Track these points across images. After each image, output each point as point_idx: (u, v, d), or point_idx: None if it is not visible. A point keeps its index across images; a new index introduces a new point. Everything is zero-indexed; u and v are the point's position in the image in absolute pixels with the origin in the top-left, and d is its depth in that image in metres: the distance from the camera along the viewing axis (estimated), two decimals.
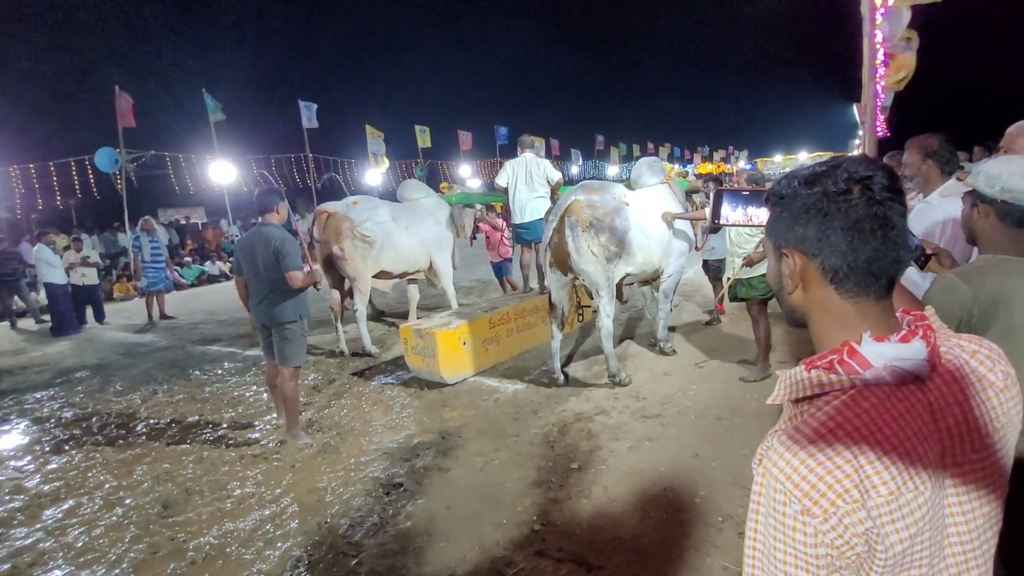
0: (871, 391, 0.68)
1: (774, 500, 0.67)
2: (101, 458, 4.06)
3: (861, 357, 0.68)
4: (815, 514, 0.63)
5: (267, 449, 3.98)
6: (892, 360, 0.67)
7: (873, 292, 0.72)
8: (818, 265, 0.73)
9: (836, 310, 0.74)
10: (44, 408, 5.33)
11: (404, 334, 5.07)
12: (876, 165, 0.71)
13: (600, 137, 38.53)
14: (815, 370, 0.71)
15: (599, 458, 3.45)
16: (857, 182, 0.70)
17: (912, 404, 0.68)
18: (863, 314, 0.72)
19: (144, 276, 9.32)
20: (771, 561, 0.68)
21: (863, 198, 0.69)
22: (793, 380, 0.74)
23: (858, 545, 0.64)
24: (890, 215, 0.69)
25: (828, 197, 0.70)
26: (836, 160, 0.73)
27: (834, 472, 0.63)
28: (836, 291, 0.73)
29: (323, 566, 2.66)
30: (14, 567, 2.87)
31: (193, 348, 7.26)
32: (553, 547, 2.65)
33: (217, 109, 16.46)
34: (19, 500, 3.57)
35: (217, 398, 5.17)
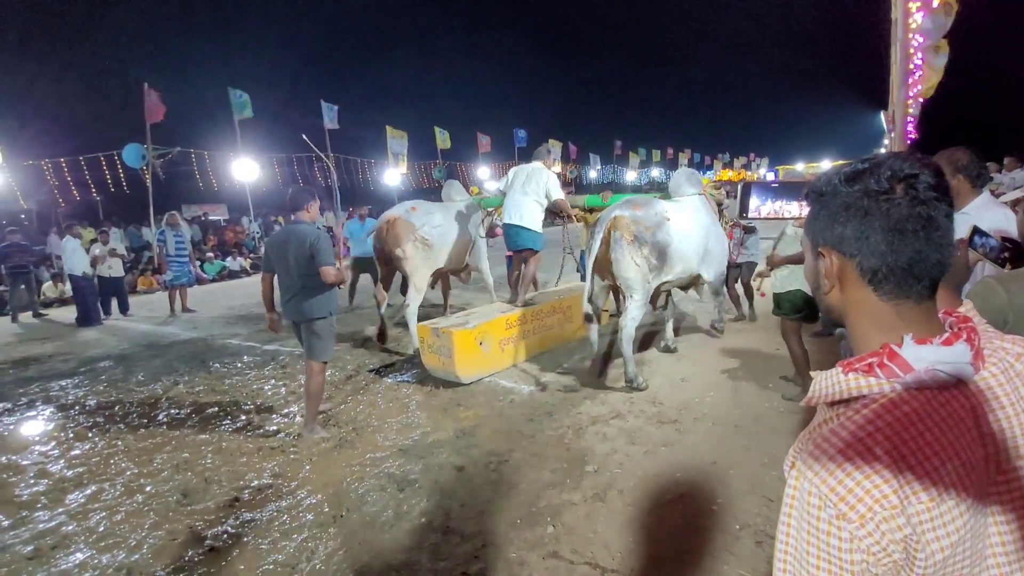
0: (912, 395, 0.66)
1: (808, 504, 0.65)
2: (123, 445, 4.14)
3: (902, 360, 0.66)
4: (851, 519, 0.62)
5: (284, 442, 4.02)
6: (934, 364, 0.65)
7: (914, 294, 0.70)
8: (856, 265, 0.71)
9: (875, 312, 0.72)
10: (69, 396, 5.44)
11: (421, 332, 5.13)
12: (922, 163, 0.68)
13: (619, 142, 38.41)
14: (853, 372, 0.69)
15: (615, 462, 3.43)
16: (901, 180, 0.67)
17: (955, 409, 0.66)
18: (903, 316, 0.70)
19: (168, 270, 9.43)
20: (803, 566, 0.66)
21: (906, 197, 0.67)
22: (829, 382, 0.71)
23: (895, 552, 0.62)
24: (935, 215, 0.67)
25: (869, 196, 0.68)
26: (880, 157, 0.71)
27: (872, 477, 0.62)
28: (875, 292, 0.71)
29: (337, 559, 2.68)
30: (37, 549, 2.93)
31: (213, 341, 7.36)
32: (567, 548, 2.64)
33: (245, 107, 16.71)
34: (43, 484, 3.64)
35: (236, 390, 5.24)
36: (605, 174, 38.80)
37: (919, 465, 0.62)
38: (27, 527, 3.14)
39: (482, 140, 26.44)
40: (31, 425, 4.75)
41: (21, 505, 3.39)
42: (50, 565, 2.78)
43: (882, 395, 0.67)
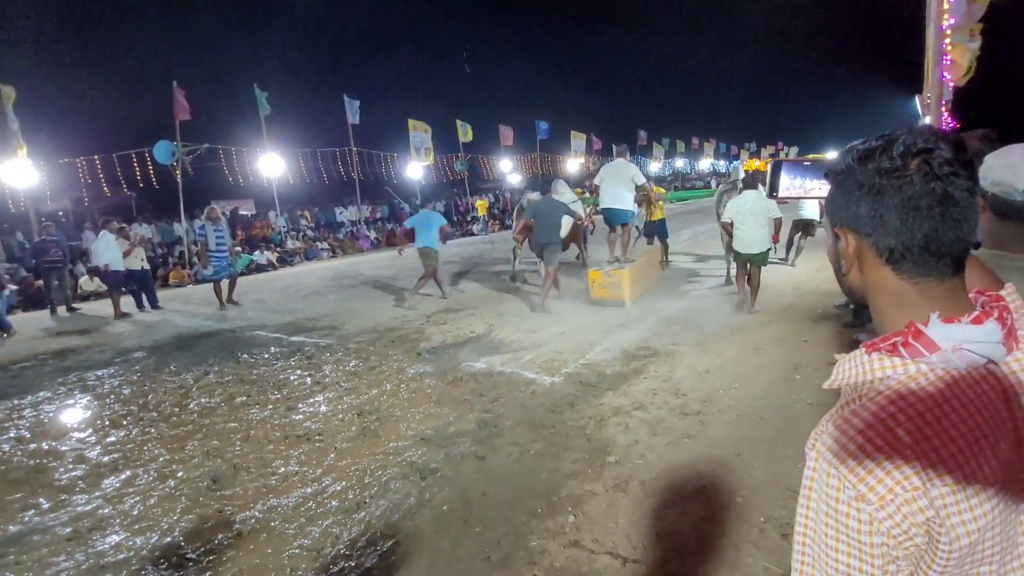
0: (938, 375, 0.64)
1: (827, 485, 0.64)
2: (156, 433, 4.27)
3: (927, 339, 0.64)
4: (870, 500, 0.60)
5: (310, 431, 4.09)
6: (962, 343, 0.63)
7: (935, 272, 0.67)
8: (872, 245, 0.69)
9: (896, 292, 0.69)
10: (104, 385, 5.63)
11: (593, 275, 7.40)
12: (938, 136, 0.66)
13: (642, 133, 37.97)
14: (876, 352, 0.67)
15: (637, 453, 3.41)
16: (915, 156, 0.65)
17: (984, 390, 0.65)
18: (926, 295, 0.68)
19: (210, 264, 9.43)
20: (822, 549, 0.65)
21: (919, 173, 0.64)
22: (853, 363, 0.70)
23: (917, 536, 0.61)
24: (951, 191, 0.64)
25: (881, 173, 0.66)
26: (895, 132, 0.68)
27: (893, 458, 0.60)
28: (893, 272, 0.69)
29: (361, 544, 2.73)
30: (75, 531, 3.04)
31: (242, 333, 7.53)
32: (588, 538, 2.64)
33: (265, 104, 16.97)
34: (81, 469, 3.78)
35: (264, 380, 5.35)
36: None
37: (943, 447, 0.61)
38: (66, 510, 3.27)
39: (504, 132, 26.37)
40: (69, 413, 4.93)
41: (60, 489, 3.53)
42: (88, 546, 2.89)
43: (907, 375, 0.65)
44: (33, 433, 4.51)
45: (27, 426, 4.67)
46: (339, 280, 12.05)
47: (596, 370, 4.92)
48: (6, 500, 3.43)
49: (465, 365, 5.31)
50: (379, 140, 22.55)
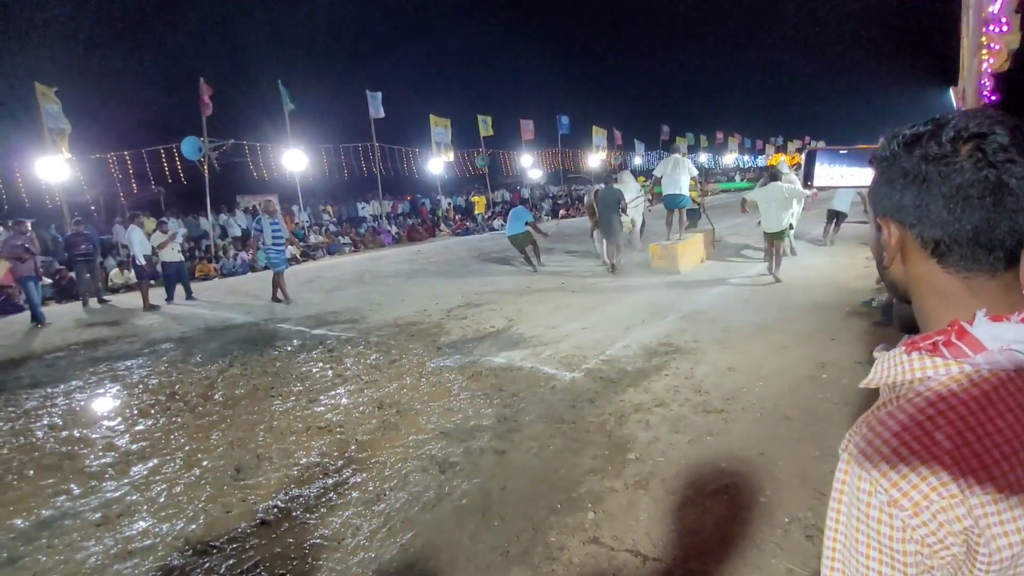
0: (983, 377, 0.60)
1: (858, 490, 0.60)
2: (182, 422, 4.36)
3: (972, 339, 0.59)
4: (904, 507, 0.57)
5: (332, 422, 4.14)
6: (1011, 343, 0.58)
7: (986, 266, 0.62)
8: (916, 236, 0.64)
9: (942, 286, 0.64)
10: (133, 375, 5.77)
11: (653, 249, 9.28)
12: (995, 119, 0.60)
13: (665, 127, 37.53)
14: (916, 352, 0.63)
15: (658, 450, 3.37)
16: (967, 141, 0.60)
17: None
18: (974, 291, 0.63)
19: (267, 258, 9.17)
20: (853, 555, 0.62)
21: (971, 160, 0.59)
22: (891, 363, 0.65)
23: (954, 545, 0.57)
24: (1006, 179, 0.58)
25: (928, 160, 0.61)
26: (946, 116, 0.63)
27: (929, 463, 0.57)
28: (940, 265, 0.64)
29: (380, 536, 2.74)
30: (104, 516, 3.12)
31: (266, 326, 7.65)
32: (607, 535, 2.62)
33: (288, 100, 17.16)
34: (110, 456, 3.88)
35: (286, 372, 5.43)
36: (651, 160, 38.00)
37: (986, 453, 0.57)
38: (96, 496, 3.35)
39: (525, 127, 26.29)
40: (100, 402, 5.06)
41: (91, 475, 3.62)
42: (116, 532, 2.96)
43: (949, 377, 0.61)
44: (65, 421, 4.64)
45: (59, 414, 4.81)
46: (360, 274, 12.16)
47: (617, 366, 4.88)
48: (39, 485, 3.54)
49: (485, 360, 5.32)
50: (401, 135, 22.70)
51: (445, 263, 12.96)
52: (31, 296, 8.89)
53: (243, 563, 2.62)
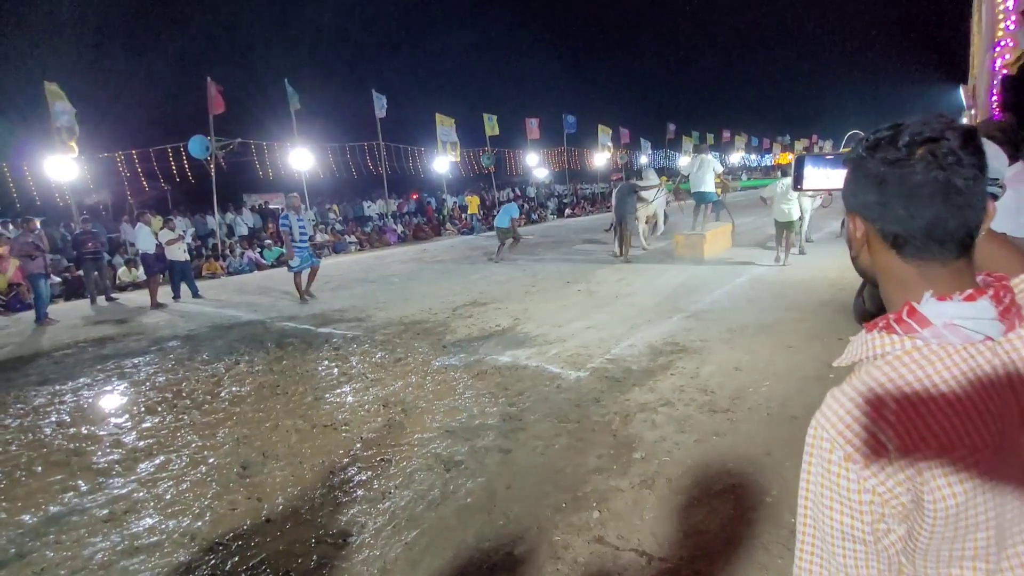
0: (931, 348, 0.68)
1: (822, 448, 0.69)
2: (188, 420, 4.37)
3: (920, 316, 0.67)
4: (857, 460, 0.65)
5: (337, 420, 4.14)
6: (954, 318, 0.66)
7: (938, 256, 0.69)
8: (878, 230, 0.72)
9: (900, 274, 0.73)
10: (140, 372, 5.80)
11: (678, 238, 10.35)
12: (947, 126, 0.66)
13: (672, 126, 37.38)
14: (876, 331, 0.72)
15: (663, 449, 3.36)
16: (921, 145, 0.66)
17: (979, 363, 0.67)
18: (928, 277, 0.70)
19: (294, 256, 8.82)
20: (820, 509, 0.70)
21: (923, 163, 0.66)
22: (859, 342, 0.74)
23: (903, 495, 0.65)
24: (954, 179, 0.66)
25: (887, 163, 0.68)
26: (905, 122, 0.69)
27: (878, 420, 0.65)
28: (898, 255, 0.72)
29: (386, 534, 2.74)
30: (111, 513, 3.14)
31: (272, 324, 7.67)
32: (613, 534, 2.61)
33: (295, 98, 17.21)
34: (117, 453, 3.90)
35: (292, 371, 5.44)
36: (657, 159, 37.89)
37: (929, 414, 0.64)
38: (103, 492, 3.37)
39: (530, 126, 26.24)
40: (107, 399, 5.09)
41: (98, 472, 3.64)
42: (123, 528, 2.98)
43: (902, 350, 0.68)
44: (73, 417, 4.67)
45: (67, 410, 4.84)
46: (366, 273, 12.18)
47: (622, 365, 4.86)
48: (47, 481, 3.56)
49: (490, 358, 5.31)
50: (407, 134, 22.71)
51: (451, 262, 12.97)
52: (39, 293, 8.95)
53: (249, 560, 2.63)
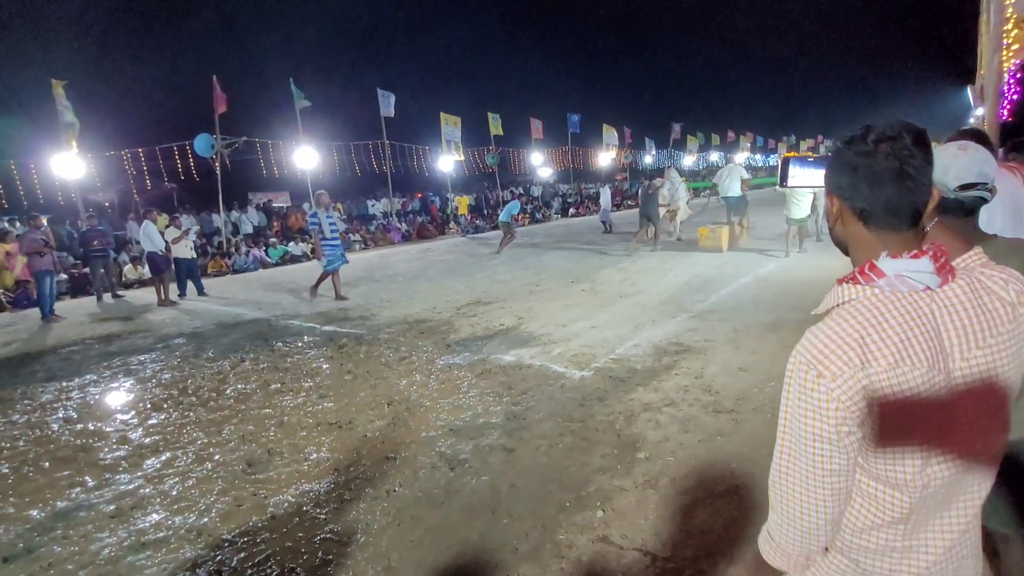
0: (885, 295, 0.86)
1: (799, 370, 0.86)
2: (194, 417, 4.40)
3: (877, 270, 0.86)
4: (826, 376, 0.83)
5: (341, 418, 4.16)
6: (902, 271, 0.85)
7: (895, 227, 0.89)
8: (849, 206, 0.92)
9: (865, 241, 0.92)
10: (146, 370, 5.83)
11: (702, 231, 11.51)
12: (903, 128, 0.86)
13: (676, 125, 37.26)
14: (845, 283, 0.90)
15: (667, 449, 3.36)
16: (883, 141, 0.86)
17: (919, 306, 0.86)
18: (885, 242, 0.90)
19: (324, 255, 8.62)
20: (796, 420, 0.87)
21: (884, 155, 0.85)
22: (831, 294, 0.92)
23: (860, 402, 0.82)
24: (906, 168, 0.85)
25: (858, 154, 0.88)
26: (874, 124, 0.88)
27: (841, 346, 0.83)
28: (864, 226, 0.91)
29: (390, 532, 2.75)
30: (118, 509, 3.16)
31: (277, 322, 7.70)
32: (617, 534, 2.61)
33: (302, 97, 17.24)
34: (124, 450, 3.93)
35: (297, 368, 5.46)
36: (661, 158, 37.82)
37: (881, 341, 0.82)
38: (109, 488, 3.40)
39: (535, 125, 26.21)
40: (113, 396, 5.12)
41: (104, 468, 3.67)
42: (129, 524, 3.00)
43: (863, 296, 0.87)
44: (80, 414, 4.70)
45: (74, 407, 4.88)
46: (371, 272, 12.21)
47: (626, 365, 4.86)
48: (54, 477, 3.59)
49: (494, 358, 5.32)
50: (411, 133, 22.71)
51: (455, 260, 12.98)
52: (43, 291, 8.99)
53: (254, 556, 2.65)
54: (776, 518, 0.97)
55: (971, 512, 0.91)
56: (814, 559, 0.97)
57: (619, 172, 36.41)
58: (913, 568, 0.90)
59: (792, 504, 0.91)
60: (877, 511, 0.89)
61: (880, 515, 0.89)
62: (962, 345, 0.86)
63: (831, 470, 0.85)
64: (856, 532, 0.91)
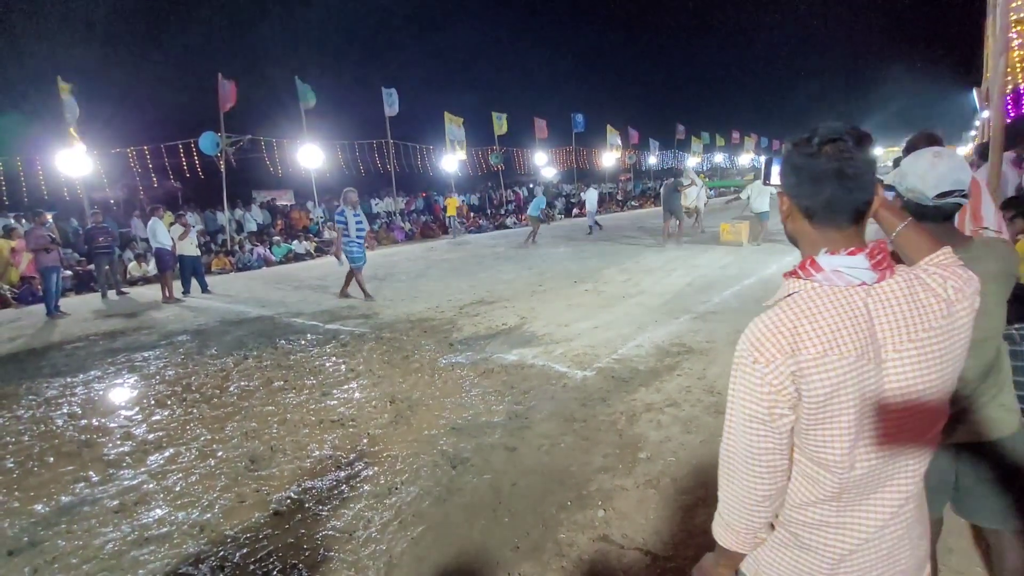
0: (822, 288, 0.92)
1: (742, 356, 0.94)
2: (197, 413, 4.42)
3: (817, 264, 0.92)
4: (760, 361, 0.90)
5: (344, 416, 4.17)
6: (838, 266, 0.91)
7: (835, 224, 0.94)
8: (797, 204, 0.97)
9: (811, 237, 0.97)
10: (150, 366, 5.86)
11: (724, 226, 12.62)
12: (846, 131, 0.91)
13: (681, 127, 37.21)
14: (790, 277, 0.97)
15: (669, 449, 3.36)
16: (826, 143, 0.91)
17: (853, 300, 0.91)
18: (828, 239, 0.95)
19: (347, 254, 8.41)
20: (737, 400, 0.95)
21: (825, 156, 0.91)
22: (781, 288, 0.98)
23: (790, 386, 0.89)
24: (844, 168, 0.90)
25: (803, 155, 0.94)
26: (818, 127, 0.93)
27: (776, 334, 0.90)
28: (810, 223, 0.97)
29: (392, 529, 2.76)
30: (122, 504, 3.18)
31: (280, 319, 7.72)
32: (617, 533, 2.62)
33: (308, 95, 17.28)
34: (128, 445, 3.95)
35: (300, 366, 5.48)
36: (666, 159, 37.77)
37: (812, 331, 0.89)
38: (113, 483, 3.42)
39: (539, 125, 26.21)
40: (118, 392, 5.14)
41: (109, 463, 3.69)
42: (133, 519, 3.02)
43: (804, 290, 0.93)
44: (84, 409, 4.73)
45: (79, 402, 4.90)
46: (374, 271, 12.23)
47: (629, 365, 4.86)
48: (59, 472, 3.61)
49: (497, 357, 5.33)
50: (415, 132, 22.73)
51: (458, 260, 13.00)
52: (49, 287, 9.04)
53: (256, 552, 2.66)
54: (722, 496, 1.02)
55: (903, 495, 0.96)
56: (760, 537, 1.02)
57: (623, 173, 36.37)
58: (846, 543, 0.95)
59: (734, 481, 0.98)
60: (812, 488, 0.95)
61: (815, 492, 0.95)
62: (895, 338, 0.91)
63: (766, 448, 0.92)
64: (794, 507, 0.98)
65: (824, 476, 0.93)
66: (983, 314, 1.53)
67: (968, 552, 2.33)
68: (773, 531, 1.03)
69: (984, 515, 1.66)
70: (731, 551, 1.06)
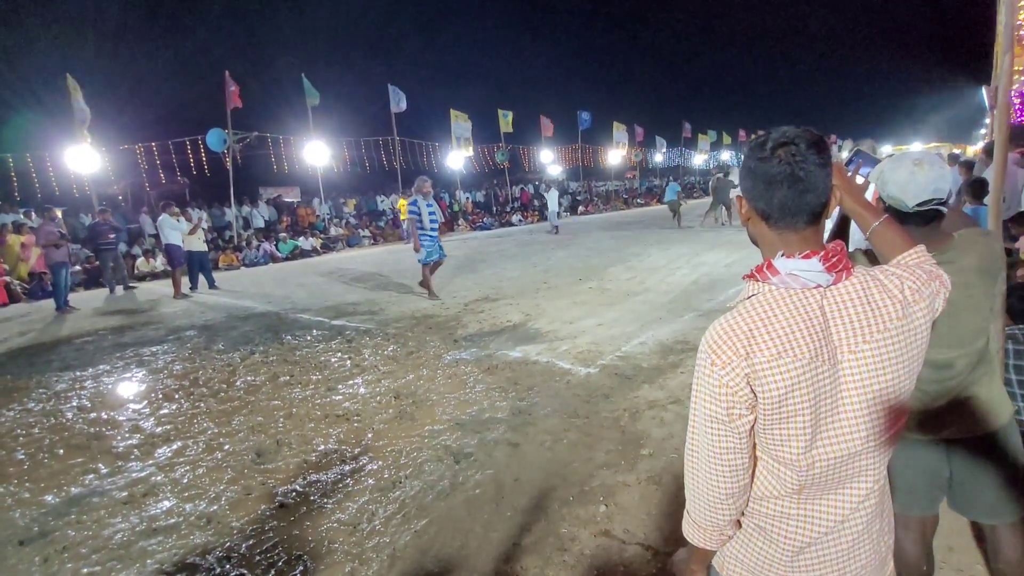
0: (777, 291, 0.93)
1: (701, 358, 0.95)
2: (205, 407, 4.47)
3: (773, 268, 0.93)
4: (718, 364, 0.92)
5: (349, 411, 4.21)
6: (793, 270, 0.91)
7: (791, 226, 0.95)
8: (753, 207, 0.98)
9: (769, 238, 0.99)
10: (158, 361, 5.92)
11: None
12: (799, 135, 0.92)
13: (687, 124, 37.06)
14: (749, 279, 0.98)
15: (672, 447, 3.37)
16: (780, 147, 0.92)
17: (808, 303, 0.92)
18: (784, 241, 0.96)
19: (422, 247, 7.88)
20: (699, 401, 0.96)
21: (777, 160, 0.92)
22: (743, 290, 0.99)
23: (745, 388, 0.90)
24: (796, 171, 0.91)
25: (757, 159, 0.94)
26: (773, 131, 0.95)
27: (731, 337, 0.91)
28: (767, 225, 0.97)
29: (395, 522, 2.79)
30: (131, 495, 3.22)
31: (286, 315, 7.78)
32: (619, 528, 2.63)
33: (313, 94, 17.33)
34: (136, 438, 4.00)
35: (306, 361, 5.52)
36: (672, 157, 37.64)
37: (767, 334, 0.90)
38: (122, 475, 3.47)
39: (545, 123, 26.18)
40: (126, 386, 5.21)
41: (117, 456, 3.74)
42: (141, 510, 3.06)
43: (761, 292, 0.95)
44: (93, 403, 4.79)
45: (88, 396, 4.96)
46: (380, 267, 12.29)
47: (632, 363, 4.88)
48: (68, 464, 3.66)
49: (501, 353, 5.35)
50: (421, 130, 22.77)
51: (463, 257, 13.03)
52: (58, 282, 9.13)
53: (262, 544, 2.70)
54: (689, 494, 1.04)
55: (863, 490, 0.98)
56: (727, 535, 1.03)
57: (629, 170, 36.29)
58: (806, 535, 0.98)
59: (698, 480, 1.00)
60: (775, 483, 0.97)
61: (777, 487, 0.97)
62: (850, 339, 0.92)
63: (726, 447, 0.94)
64: (758, 500, 1.00)
65: (785, 472, 0.95)
66: (971, 308, 1.55)
67: (969, 550, 2.33)
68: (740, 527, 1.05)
69: (979, 510, 1.67)
70: (701, 548, 1.07)
